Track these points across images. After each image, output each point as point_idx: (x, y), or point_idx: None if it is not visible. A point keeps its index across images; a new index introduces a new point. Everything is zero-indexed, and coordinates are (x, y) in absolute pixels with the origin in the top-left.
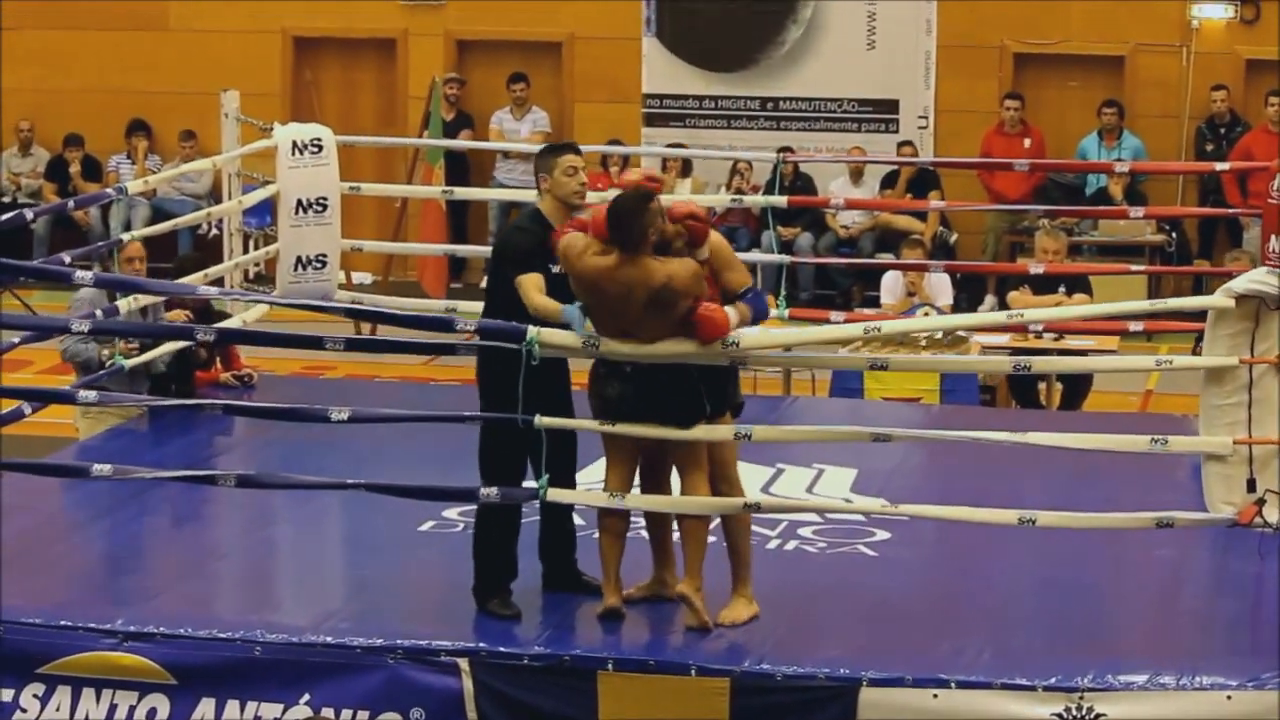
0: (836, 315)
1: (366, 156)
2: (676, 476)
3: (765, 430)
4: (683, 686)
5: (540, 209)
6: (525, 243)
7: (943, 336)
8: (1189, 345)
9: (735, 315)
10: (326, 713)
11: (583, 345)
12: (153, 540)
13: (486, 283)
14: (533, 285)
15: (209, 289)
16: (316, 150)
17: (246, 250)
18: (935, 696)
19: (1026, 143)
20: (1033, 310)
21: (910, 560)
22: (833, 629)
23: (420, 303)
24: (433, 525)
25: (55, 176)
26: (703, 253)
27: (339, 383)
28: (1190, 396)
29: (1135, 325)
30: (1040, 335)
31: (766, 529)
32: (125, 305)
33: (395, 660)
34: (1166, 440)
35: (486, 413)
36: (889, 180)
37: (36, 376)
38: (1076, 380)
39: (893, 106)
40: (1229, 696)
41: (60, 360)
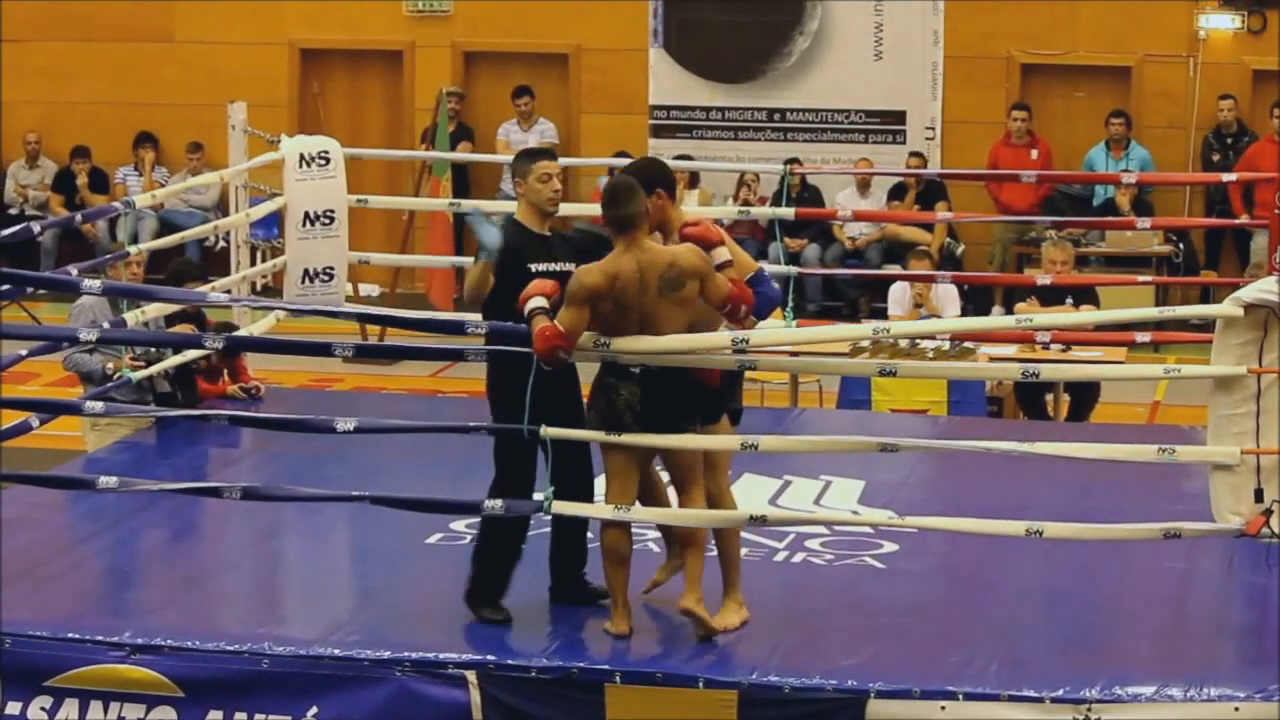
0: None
1: (374, 168)
2: (668, 479)
3: (772, 440)
4: (690, 698)
5: (515, 214)
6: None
7: (950, 347)
8: (1196, 357)
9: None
10: None
11: (593, 346)
12: (160, 552)
13: None
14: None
15: (219, 296)
16: (324, 162)
17: (254, 263)
18: (943, 708)
19: (1034, 154)
20: (1041, 315)
21: (918, 572)
22: (840, 640)
23: (428, 315)
24: (440, 538)
25: (62, 189)
26: (722, 253)
27: (346, 395)
28: (1198, 408)
29: (1143, 336)
30: (1048, 346)
31: (774, 541)
32: (133, 318)
33: (403, 673)
34: (1174, 450)
35: (496, 423)
36: (896, 192)
37: (44, 389)
38: (1084, 392)
39: (900, 118)
40: (1236, 708)
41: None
